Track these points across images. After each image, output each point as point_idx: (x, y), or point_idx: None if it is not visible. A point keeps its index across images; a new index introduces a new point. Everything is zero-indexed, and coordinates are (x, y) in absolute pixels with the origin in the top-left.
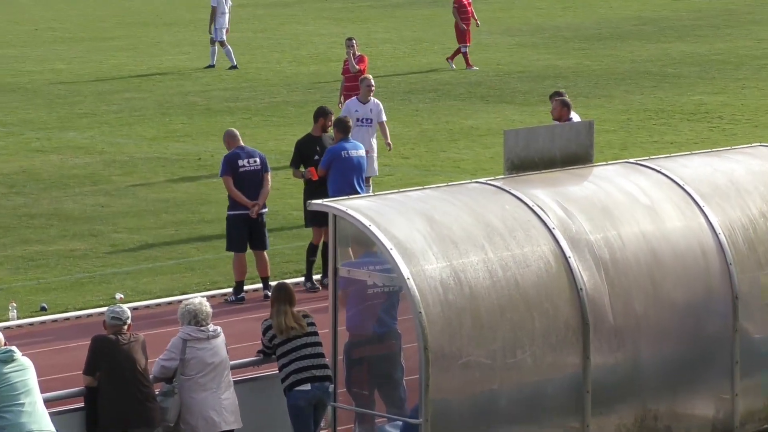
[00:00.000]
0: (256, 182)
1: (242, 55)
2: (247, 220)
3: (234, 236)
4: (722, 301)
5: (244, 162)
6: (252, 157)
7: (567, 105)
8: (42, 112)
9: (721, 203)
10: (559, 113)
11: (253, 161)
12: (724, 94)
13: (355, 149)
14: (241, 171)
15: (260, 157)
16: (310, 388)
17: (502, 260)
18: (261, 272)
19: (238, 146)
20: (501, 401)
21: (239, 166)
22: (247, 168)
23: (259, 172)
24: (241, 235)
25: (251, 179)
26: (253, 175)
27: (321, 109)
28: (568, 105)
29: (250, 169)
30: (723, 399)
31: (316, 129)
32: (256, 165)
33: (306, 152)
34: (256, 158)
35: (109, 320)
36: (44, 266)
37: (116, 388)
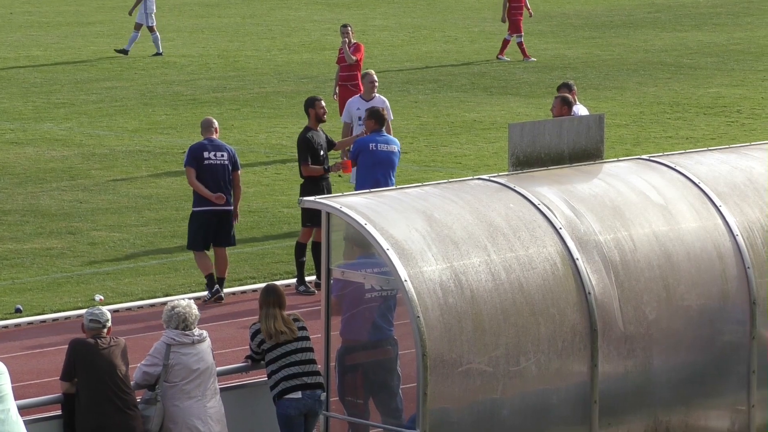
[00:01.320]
0: (220, 178)
1: (230, 42)
2: (213, 217)
3: (196, 234)
4: (739, 307)
5: (210, 155)
6: (219, 151)
7: (568, 103)
8: (17, 102)
9: (739, 203)
10: (559, 112)
11: (220, 155)
12: (743, 87)
13: (386, 143)
14: (205, 164)
15: (229, 152)
16: (300, 396)
17: (505, 262)
18: (217, 271)
19: (207, 137)
20: (503, 411)
21: (204, 158)
22: (212, 161)
23: (226, 167)
24: (204, 234)
25: (215, 174)
26: (218, 170)
27: (309, 100)
28: (569, 103)
29: (216, 162)
30: (738, 410)
31: (312, 121)
32: (223, 160)
33: (314, 146)
34: (224, 153)
35: (88, 323)
36: (19, 265)
37: (95, 395)
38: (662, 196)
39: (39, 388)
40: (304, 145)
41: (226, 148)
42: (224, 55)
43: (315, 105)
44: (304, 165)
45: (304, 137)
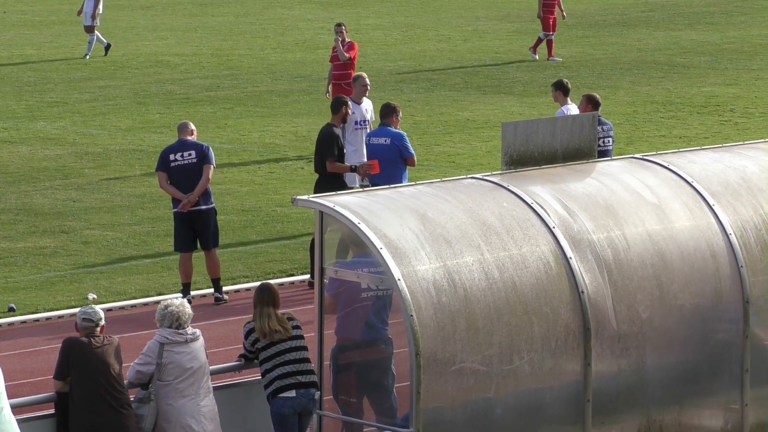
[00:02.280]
0: (190, 177)
1: (223, 41)
2: (188, 218)
3: (177, 235)
4: (732, 306)
5: (176, 156)
6: (187, 150)
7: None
8: (10, 101)
9: (732, 202)
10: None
11: (188, 155)
12: (736, 86)
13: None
14: (172, 166)
15: (198, 149)
16: (294, 395)
17: (498, 261)
18: (209, 273)
19: (179, 139)
20: (496, 410)
21: (171, 161)
22: (179, 162)
23: (196, 165)
24: (182, 234)
25: (184, 174)
26: (187, 170)
27: (343, 99)
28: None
29: (183, 163)
30: (732, 409)
31: (337, 120)
32: (191, 159)
33: (340, 142)
34: (192, 151)
35: (81, 322)
36: (12, 264)
37: (88, 394)
38: (655, 195)
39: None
40: (331, 139)
41: (195, 146)
42: (218, 54)
43: (347, 105)
44: (331, 160)
45: (331, 132)
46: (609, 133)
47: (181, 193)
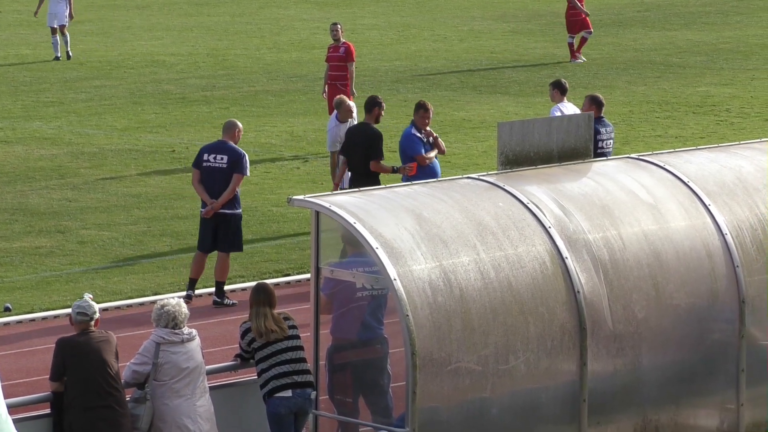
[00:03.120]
0: (218, 180)
1: (219, 41)
2: (211, 219)
3: (199, 234)
4: (728, 306)
5: (209, 156)
6: (220, 154)
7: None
8: (6, 100)
9: (728, 202)
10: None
11: (220, 158)
12: (732, 86)
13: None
14: (203, 165)
15: (231, 155)
16: (290, 394)
17: (494, 260)
18: (215, 274)
19: (219, 139)
20: (492, 410)
21: (203, 161)
22: (211, 164)
23: (225, 170)
24: (201, 234)
25: (213, 176)
26: (215, 173)
27: (378, 100)
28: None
29: (214, 165)
30: (728, 409)
31: (372, 119)
32: (222, 163)
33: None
34: (224, 156)
35: (75, 315)
36: (8, 264)
37: (83, 394)
38: (651, 195)
39: (28, 386)
40: (380, 140)
41: (230, 152)
42: (213, 53)
43: (382, 106)
44: (377, 160)
45: (378, 133)
46: (611, 135)
47: (208, 198)
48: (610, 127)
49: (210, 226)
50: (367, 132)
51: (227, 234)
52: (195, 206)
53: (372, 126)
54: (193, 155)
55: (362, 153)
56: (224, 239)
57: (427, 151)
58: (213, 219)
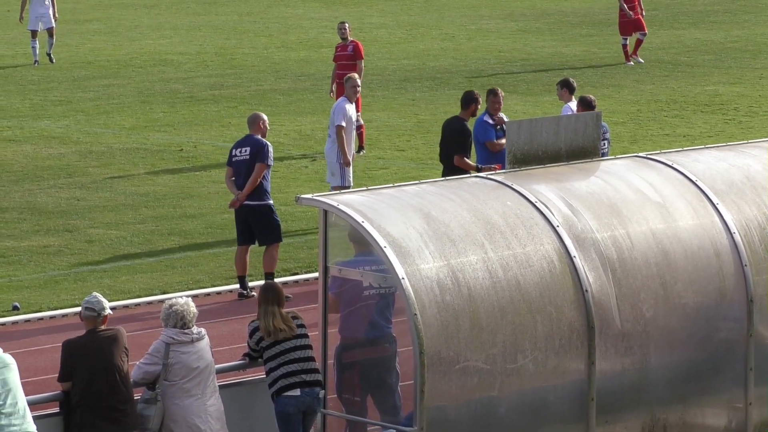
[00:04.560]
0: (243, 173)
1: (227, 40)
2: (241, 213)
3: (236, 229)
4: (736, 305)
5: (236, 152)
6: (244, 147)
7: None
8: (14, 99)
9: (736, 201)
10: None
11: (244, 151)
12: (740, 85)
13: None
14: (233, 160)
15: (254, 146)
16: (299, 393)
17: (502, 259)
18: (264, 266)
19: (247, 134)
20: (500, 409)
21: (232, 156)
22: (238, 158)
23: (248, 162)
24: (237, 228)
25: (239, 169)
26: (241, 166)
27: (476, 95)
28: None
29: (240, 159)
30: (736, 408)
31: (467, 114)
32: (245, 155)
33: (471, 140)
34: (247, 148)
35: (84, 312)
36: (16, 263)
37: (89, 394)
38: (659, 194)
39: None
40: (466, 135)
41: (252, 143)
42: (221, 52)
43: (479, 101)
44: (461, 155)
45: (465, 127)
46: (605, 136)
47: (235, 190)
48: (603, 127)
49: (240, 219)
50: (452, 126)
51: (260, 226)
52: (203, 205)
53: (461, 121)
54: (201, 154)
55: (449, 147)
56: (259, 232)
57: (498, 137)
58: (242, 212)
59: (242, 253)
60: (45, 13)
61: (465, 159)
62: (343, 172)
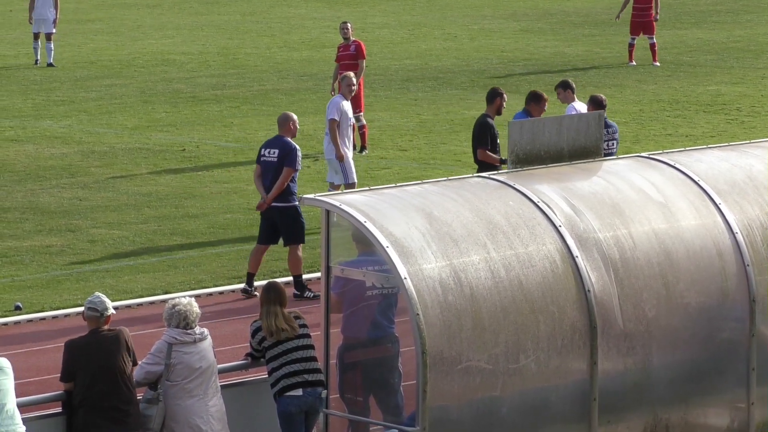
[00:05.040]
0: (270, 174)
1: (230, 40)
2: (267, 213)
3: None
4: (738, 305)
5: (265, 151)
6: (273, 148)
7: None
8: (16, 99)
9: (738, 200)
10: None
11: (272, 152)
12: (742, 85)
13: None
14: (261, 160)
15: (283, 149)
16: (301, 393)
17: (505, 259)
18: (290, 269)
19: (277, 134)
20: (503, 408)
21: (261, 155)
22: (265, 158)
23: (275, 164)
24: (261, 227)
25: (266, 170)
26: (269, 167)
27: (499, 91)
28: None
29: (268, 160)
30: (738, 408)
31: (492, 111)
32: (273, 157)
33: (494, 132)
34: (276, 150)
35: (87, 312)
36: (18, 263)
37: (91, 394)
38: (662, 194)
39: (39, 385)
40: (485, 129)
41: (281, 146)
42: (224, 52)
43: (503, 97)
44: (482, 149)
45: (485, 121)
46: (614, 136)
47: (263, 192)
48: (613, 127)
49: (266, 219)
50: (477, 121)
51: (286, 227)
52: (205, 205)
53: (484, 116)
54: (203, 154)
55: (473, 142)
56: (285, 232)
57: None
58: (269, 213)
59: (259, 252)
60: (47, 16)
61: (488, 152)
62: (345, 169)
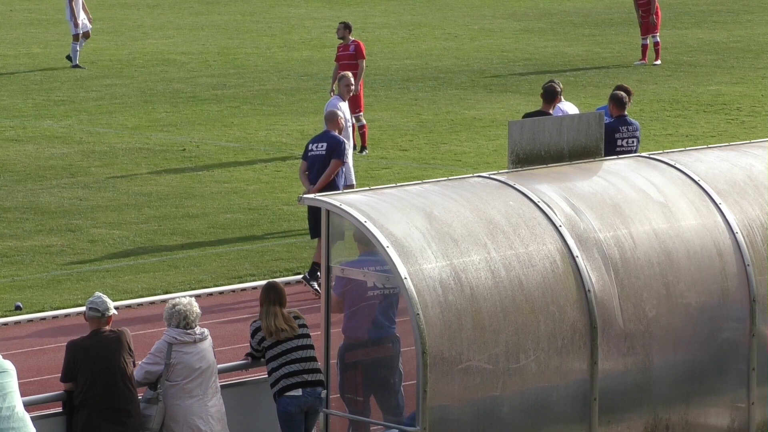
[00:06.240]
0: (318, 168)
1: (230, 40)
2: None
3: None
4: (739, 305)
5: (312, 146)
6: (321, 142)
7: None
8: (16, 99)
9: (738, 200)
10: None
11: (320, 146)
12: (743, 85)
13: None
14: (309, 155)
15: (331, 142)
16: (301, 393)
17: (505, 259)
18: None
19: (324, 130)
20: (503, 408)
21: (308, 150)
22: (314, 152)
23: (323, 157)
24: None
25: (314, 164)
26: (316, 160)
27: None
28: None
29: (316, 153)
30: (738, 408)
31: (547, 108)
32: (321, 150)
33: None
34: (324, 144)
35: (88, 312)
36: (19, 263)
37: (92, 395)
38: (662, 194)
39: (39, 385)
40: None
41: (329, 139)
42: (224, 52)
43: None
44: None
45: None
46: (634, 134)
47: (308, 185)
48: (633, 125)
49: (312, 212)
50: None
51: None
52: (205, 205)
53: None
54: (203, 154)
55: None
56: None
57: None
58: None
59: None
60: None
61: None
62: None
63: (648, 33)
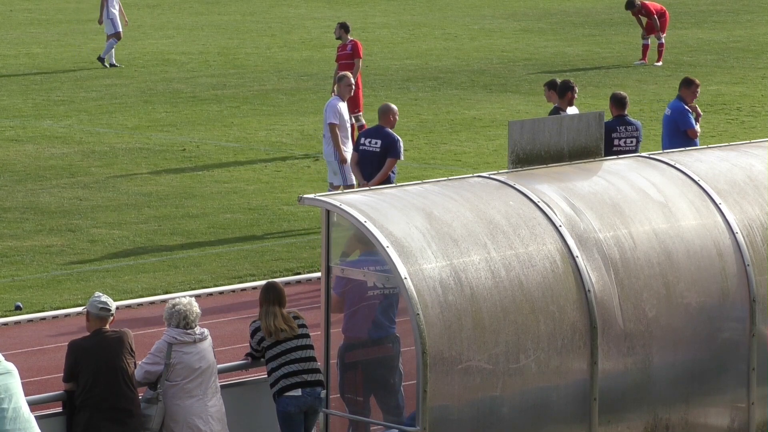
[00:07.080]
0: (370, 164)
1: (230, 40)
2: None
3: None
4: (739, 305)
5: (365, 141)
6: (375, 138)
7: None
8: (16, 99)
9: (738, 200)
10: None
11: (374, 143)
12: (743, 85)
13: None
14: (360, 149)
15: (384, 140)
16: (300, 393)
17: (505, 259)
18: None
19: (377, 124)
20: (503, 408)
21: (360, 144)
22: (366, 147)
23: (378, 154)
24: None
25: (366, 160)
26: (370, 157)
27: (571, 83)
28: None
29: (369, 149)
30: (738, 408)
31: (564, 103)
32: (375, 147)
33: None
34: (378, 141)
35: (97, 311)
36: (19, 263)
37: (93, 395)
38: (662, 194)
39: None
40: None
41: (384, 137)
42: (224, 52)
43: (574, 90)
44: None
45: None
46: (633, 134)
47: (362, 180)
48: (633, 125)
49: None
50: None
51: None
52: (205, 205)
53: (557, 109)
54: (203, 154)
55: None
56: None
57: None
58: None
59: None
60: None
61: None
62: (344, 171)
63: (651, 33)
